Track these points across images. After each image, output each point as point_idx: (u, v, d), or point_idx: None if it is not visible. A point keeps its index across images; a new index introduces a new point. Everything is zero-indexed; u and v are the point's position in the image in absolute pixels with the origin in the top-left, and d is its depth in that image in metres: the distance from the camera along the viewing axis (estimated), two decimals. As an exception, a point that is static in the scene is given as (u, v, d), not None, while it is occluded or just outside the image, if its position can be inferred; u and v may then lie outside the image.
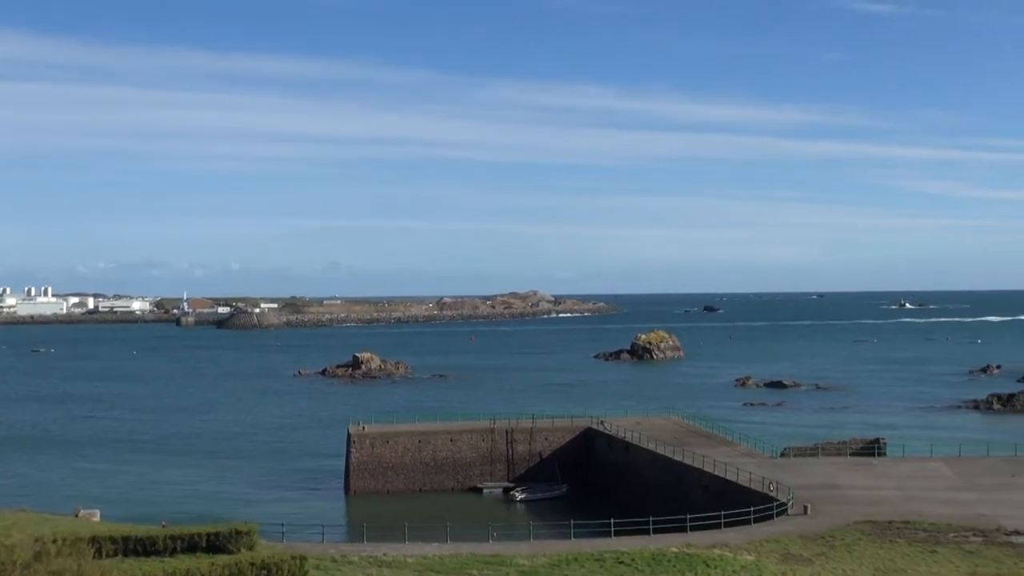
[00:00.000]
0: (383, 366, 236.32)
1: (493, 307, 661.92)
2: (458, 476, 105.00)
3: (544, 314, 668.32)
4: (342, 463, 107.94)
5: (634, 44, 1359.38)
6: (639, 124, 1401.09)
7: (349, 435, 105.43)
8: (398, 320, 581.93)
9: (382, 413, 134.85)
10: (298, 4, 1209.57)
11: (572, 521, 65.90)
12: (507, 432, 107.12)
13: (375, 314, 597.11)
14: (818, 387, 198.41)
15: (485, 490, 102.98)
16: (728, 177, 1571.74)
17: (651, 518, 64.12)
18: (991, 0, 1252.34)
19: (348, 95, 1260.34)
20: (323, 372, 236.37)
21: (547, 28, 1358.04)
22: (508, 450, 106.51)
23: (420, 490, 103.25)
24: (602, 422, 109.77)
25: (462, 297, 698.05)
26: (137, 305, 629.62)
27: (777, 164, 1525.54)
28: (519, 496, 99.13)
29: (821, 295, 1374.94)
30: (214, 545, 51.45)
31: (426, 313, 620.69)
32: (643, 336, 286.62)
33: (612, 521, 63.33)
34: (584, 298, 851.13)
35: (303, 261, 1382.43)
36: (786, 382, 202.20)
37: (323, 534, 65.82)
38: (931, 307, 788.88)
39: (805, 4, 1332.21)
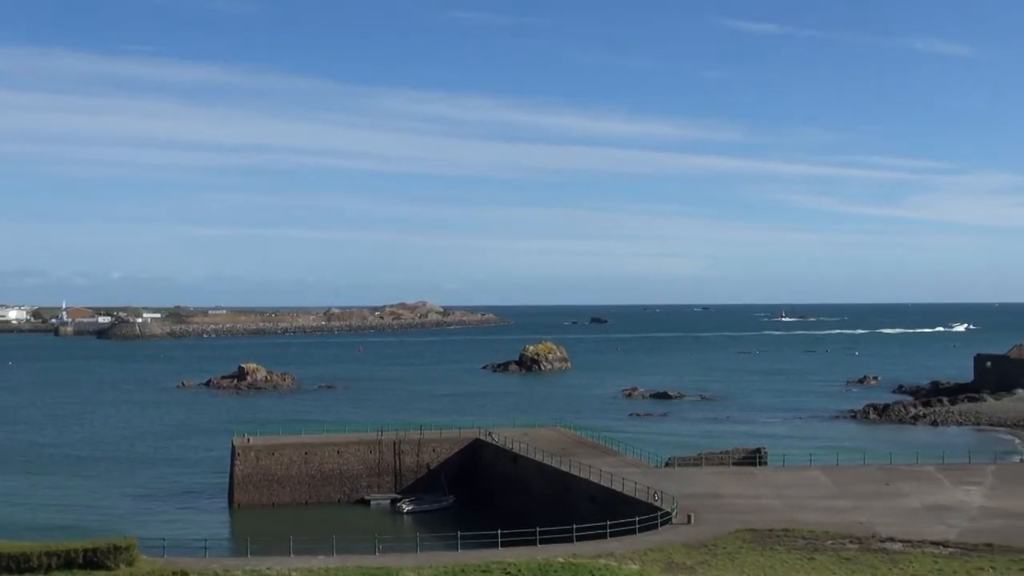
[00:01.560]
0: (269, 377, 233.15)
1: (382, 318, 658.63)
2: (345, 488, 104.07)
3: (433, 325, 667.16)
4: (226, 476, 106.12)
5: (521, 56, 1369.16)
6: (527, 136, 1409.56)
7: (233, 447, 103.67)
8: (285, 331, 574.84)
9: (268, 425, 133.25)
10: (184, 10, 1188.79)
11: (459, 532, 65.83)
12: (395, 444, 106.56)
13: (262, 325, 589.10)
14: (702, 398, 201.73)
15: (372, 502, 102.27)
16: (616, 190, 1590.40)
17: (538, 529, 64.38)
18: (866, 22, 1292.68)
19: (234, 102, 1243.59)
20: (207, 383, 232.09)
21: (435, 39, 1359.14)
22: (396, 462, 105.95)
23: (306, 503, 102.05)
24: (490, 433, 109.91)
25: (350, 308, 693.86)
26: (13, 314, 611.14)
27: (663, 178, 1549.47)
28: (406, 508, 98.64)
29: (706, 308, 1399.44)
30: (92, 561, 50.14)
31: (314, 324, 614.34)
32: (531, 347, 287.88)
33: (499, 532, 63.42)
34: (473, 309, 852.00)
35: (188, 270, 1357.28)
36: (671, 393, 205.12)
37: (206, 549, 64.50)
38: (810, 319, 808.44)
39: (689, 22, 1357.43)
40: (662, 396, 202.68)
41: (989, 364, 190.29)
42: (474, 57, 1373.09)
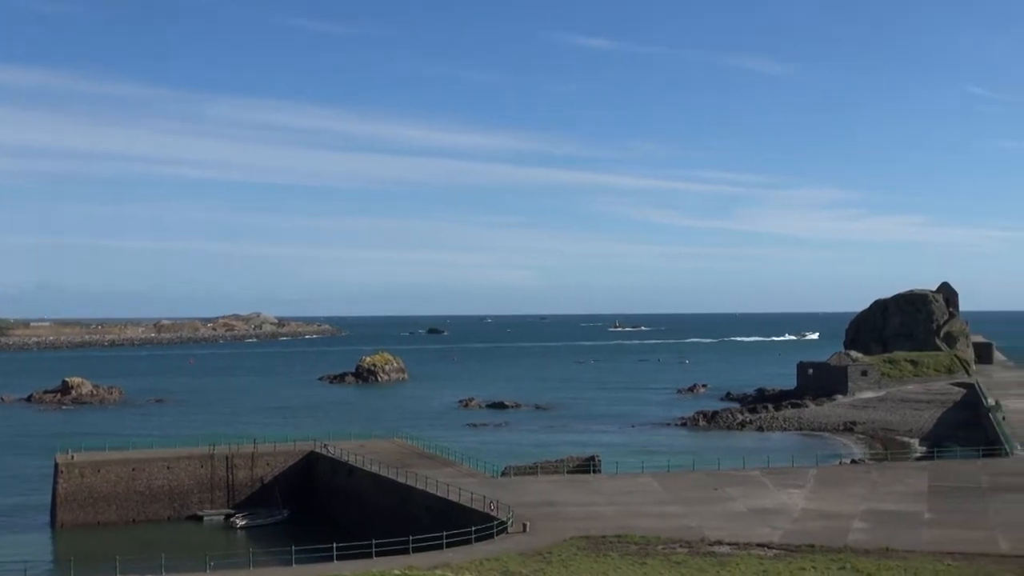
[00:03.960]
0: (95, 391, 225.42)
1: (214, 329, 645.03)
2: (175, 505, 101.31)
3: (267, 336, 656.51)
4: (48, 495, 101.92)
5: (361, 66, 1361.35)
6: (366, 146, 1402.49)
7: (56, 464, 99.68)
8: (113, 343, 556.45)
9: (94, 440, 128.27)
10: (12, 9, 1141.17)
11: (293, 547, 64.88)
12: (227, 458, 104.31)
13: (87, 337, 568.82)
14: (538, 407, 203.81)
15: (205, 518, 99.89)
16: (454, 201, 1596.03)
17: (374, 541, 63.97)
18: (700, 40, 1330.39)
19: (66, 107, 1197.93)
20: (28, 398, 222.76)
21: (275, 46, 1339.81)
22: (228, 476, 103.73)
23: (135, 521, 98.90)
24: (325, 445, 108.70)
25: (181, 319, 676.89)
26: None
27: (501, 189, 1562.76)
28: (240, 523, 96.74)
29: (544, 317, 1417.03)
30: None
31: (143, 336, 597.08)
32: (368, 358, 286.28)
33: (335, 545, 62.74)
34: (309, 320, 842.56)
35: (10, 280, 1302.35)
36: (508, 403, 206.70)
37: (25, 571, 61.99)
38: (644, 329, 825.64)
39: (529, 36, 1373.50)
40: (499, 406, 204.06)
41: (811, 371, 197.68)
42: (314, 66, 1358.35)
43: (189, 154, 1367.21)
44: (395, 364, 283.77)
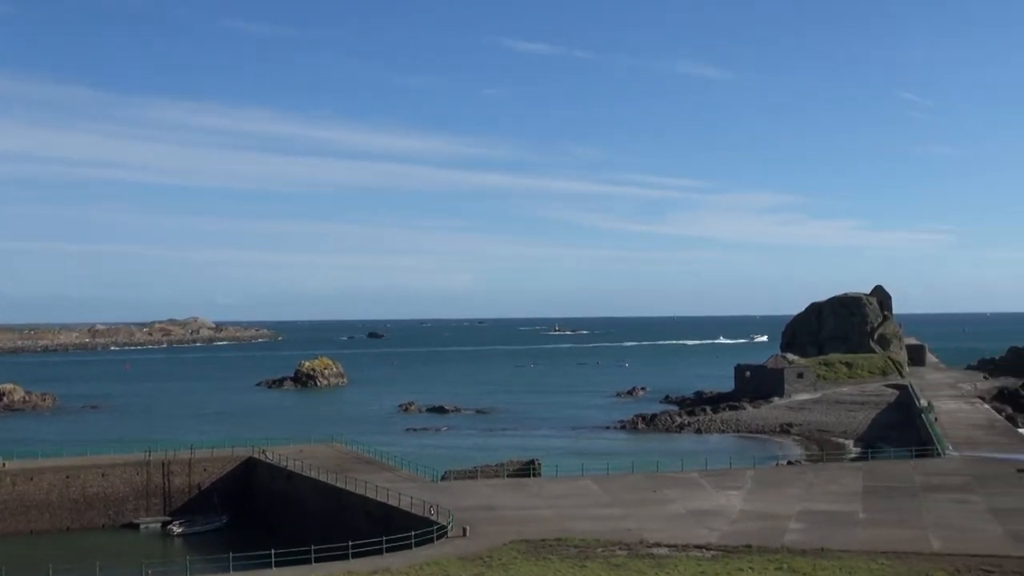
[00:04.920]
0: (27, 398, 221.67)
1: (150, 334, 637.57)
2: (111, 512, 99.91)
3: (205, 341, 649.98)
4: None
5: (302, 68, 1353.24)
6: (303, 149, 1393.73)
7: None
8: (45, 349, 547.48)
9: (26, 448, 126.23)
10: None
11: (231, 553, 64.30)
12: (164, 464, 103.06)
13: (19, 343, 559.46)
14: (478, 411, 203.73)
15: (141, 525, 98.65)
16: (391, 205, 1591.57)
17: (313, 547, 63.58)
18: (634, 45, 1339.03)
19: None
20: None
21: (211, 48, 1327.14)
22: (165, 483, 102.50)
23: (69, 529, 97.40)
24: (264, 451, 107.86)
25: (116, 324, 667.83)
26: None
27: (438, 193, 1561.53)
28: (177, 530, 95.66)
29: (482, 322, 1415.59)
30: None
31: (77, 341, 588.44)
32: (307, 363, 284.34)
33: (273, 552, 62.29)
34: (247, 324, 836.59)
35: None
36: (448, 407, 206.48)
37: (-44, 581, 60.87)
38: (582, 332, 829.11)
39: (467, 40, 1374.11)
40: (438, 410, 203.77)
41: (748, 374, 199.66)
42: (250, 68, 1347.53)
43: (123, 157, 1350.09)
44: (334, 368, 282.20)
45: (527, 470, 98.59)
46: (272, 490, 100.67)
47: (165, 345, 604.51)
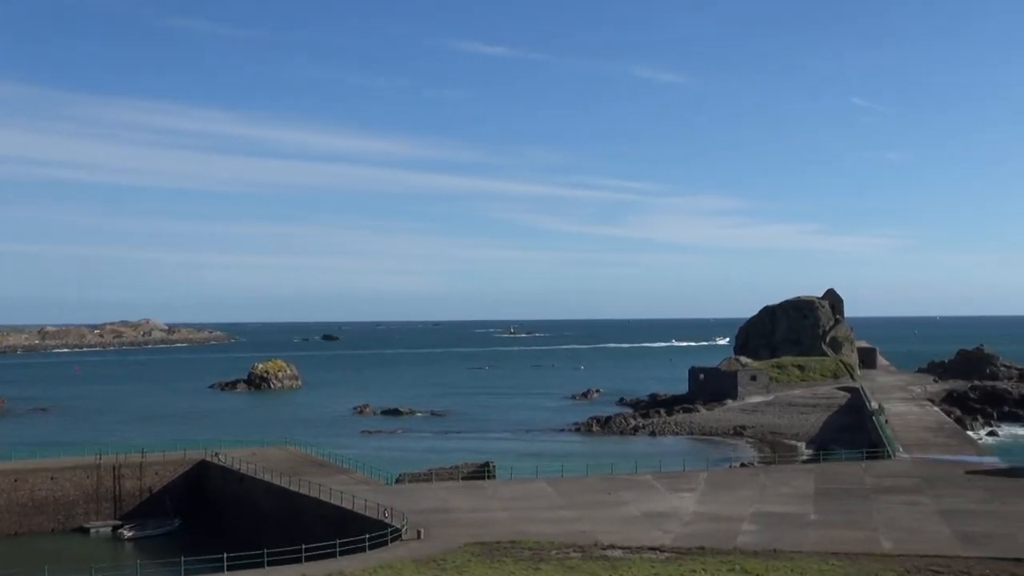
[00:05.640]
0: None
1: (102, 336, 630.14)
2: (60, 516, 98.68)
3: (157, 343, 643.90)
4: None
5: (259, 68, 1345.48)
6: (258, 150, 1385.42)
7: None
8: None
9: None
10: None
11: (183, 557, 63.81)
12: (114, 467, 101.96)
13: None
14: (433, 414, 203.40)
15: (91, 529, 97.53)
16: (348, 206, 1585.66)
17: (266, 550, 63.19)
18: (591, 48, 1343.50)
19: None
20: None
21: (166, 48, 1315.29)
22: (116, 486, 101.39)
23: (17, 533, 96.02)
24: (216, 454, 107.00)
25: (67, 326, 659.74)
26: None
27: (395, 195, 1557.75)
28: (127, 534, 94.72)
29: (437, 323, 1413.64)
30: None
31: (26, 343, 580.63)
32: (260, 365, 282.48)
33: (225, 555, 61.85)
34: (200, 326, 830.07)
35: None
36: (402, 409, 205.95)
37: (-99, 587, 59.93)
38: (538, 335, 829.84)
39: (425, 42, 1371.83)
40: (393, 412, 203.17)
41: (702, 376, 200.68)
42: (208, 68, 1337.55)
43: (74, 156, 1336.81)
44: (288, 371, 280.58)
45: (482, 472, 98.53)
46: (225, 493, 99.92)
47: (117, 347, 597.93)
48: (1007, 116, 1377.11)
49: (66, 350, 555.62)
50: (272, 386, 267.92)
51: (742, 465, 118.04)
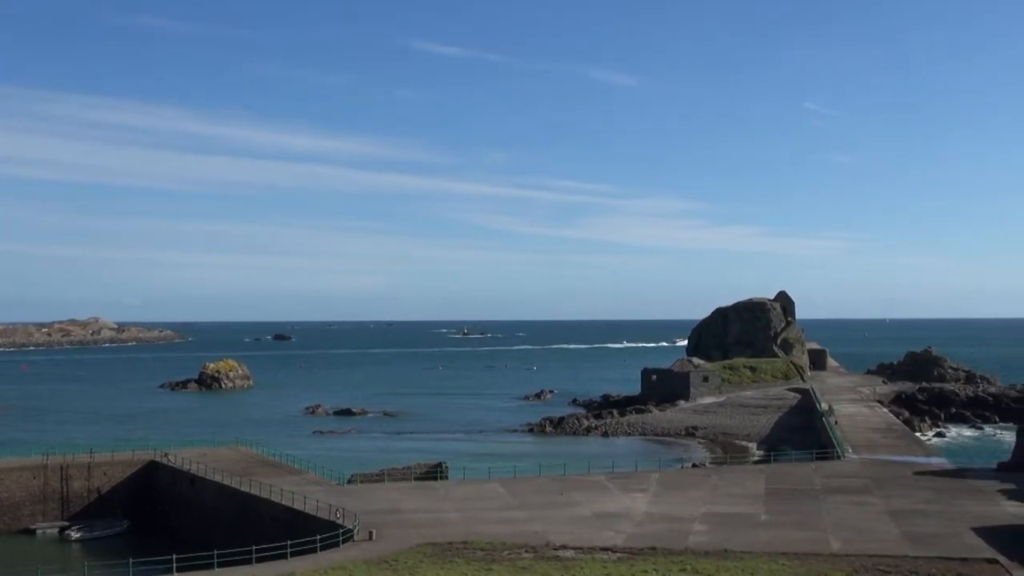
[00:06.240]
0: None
1: (49, 335, 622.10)
2: (5, 518, 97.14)
3: (107, 342, 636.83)
4: None
5: (211, 66, 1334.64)
6: (212, 149, 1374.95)
7: None
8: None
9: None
10: None
11: (131, 559, 63.15)
12: (62, 468, 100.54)
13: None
14: (386, 414, 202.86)
15: (38, 531, 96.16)
16: (301, 206, 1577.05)
17: (216, 552, 62.66)
18: (547, 50, 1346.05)
19: None
20: None
21: (123, 45, 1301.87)
22: (63, 487, 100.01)
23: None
24: (166, 454, 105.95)
25: (14, 324, 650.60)
26: None
27: (349, 195, 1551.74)
28: (75, 535, 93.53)
29: (390, 323, 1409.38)
30: None
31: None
32: (212, 365, 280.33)
33: (174, 557, 61.28)
34: (150, 325, 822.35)
35: None
36: (355, 410, 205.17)
37: None
38: (492, 336, 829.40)
39: (381, 42, 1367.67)
40: (345, 413, 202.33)
41: (655, 377, 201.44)
42: (159, 65, 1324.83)
43: (23, 152, 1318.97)
44: (240, 371, 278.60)
45: (434, 473, 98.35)
46: (175, 494, 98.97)
47: (65, 346, 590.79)
48: (955, 120, 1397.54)
49: (12, 349, 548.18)
50: (223, 386, 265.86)
51: (694, 466, 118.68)
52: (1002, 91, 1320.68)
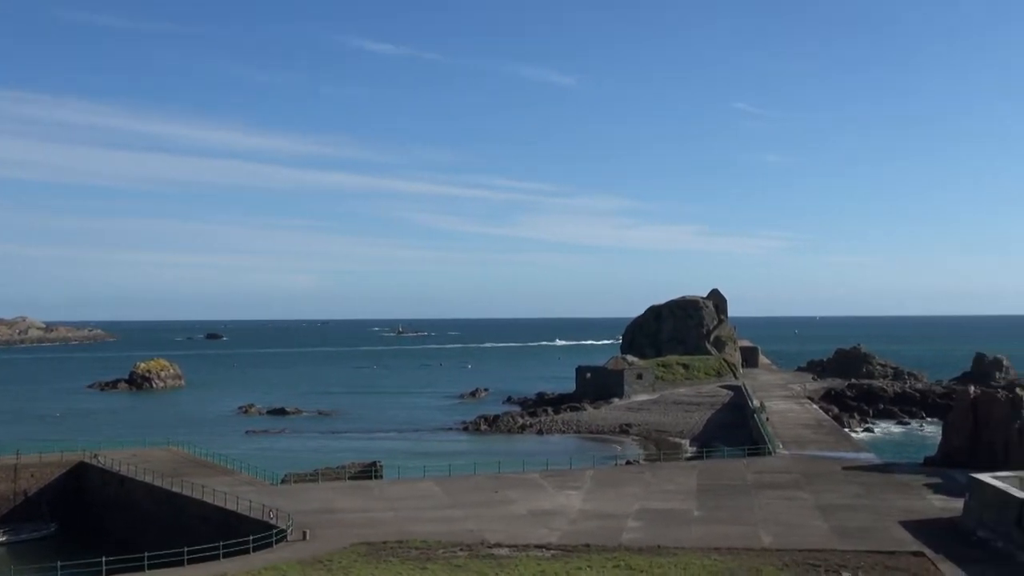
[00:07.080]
0: None
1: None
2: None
3: (34, 342, 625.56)
4: None
5: (141, 61, 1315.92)
6: (144, 145, 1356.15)
7: None
8: None
9: None
10: None
11: (60, 562, 62.11)
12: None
13: None
14: (320, 413, 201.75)
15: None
16: (234, 203, 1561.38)
17: (146, 553, 61.88)
18: (480, 49, 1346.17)
19: None
20: None
21: (50, 39, 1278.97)
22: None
23: None
24: (96, 455, 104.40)
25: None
26: None
27: (280, 192, 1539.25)
28: (1, 539, 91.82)
29: (325, 322, 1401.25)
30: None
31: None
32: (142, 364, 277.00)
33: (104, 559, 60.42)
34: (79, 324, 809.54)
35: None
36: (289, 409, 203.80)
37: None
38: (424, 334, 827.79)
39: (316, 39, 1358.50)
40: (279, 412, 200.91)
41: (589, 375, 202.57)
42: (87, 61, 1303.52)
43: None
44: (171, 370, 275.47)
45: (368, 472, 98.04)
46: (104, 496, 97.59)
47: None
48: (882, 119, 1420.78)
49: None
50: (154, 386, 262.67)
51: (628, 463, 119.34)
52: (927, 92, 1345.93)
